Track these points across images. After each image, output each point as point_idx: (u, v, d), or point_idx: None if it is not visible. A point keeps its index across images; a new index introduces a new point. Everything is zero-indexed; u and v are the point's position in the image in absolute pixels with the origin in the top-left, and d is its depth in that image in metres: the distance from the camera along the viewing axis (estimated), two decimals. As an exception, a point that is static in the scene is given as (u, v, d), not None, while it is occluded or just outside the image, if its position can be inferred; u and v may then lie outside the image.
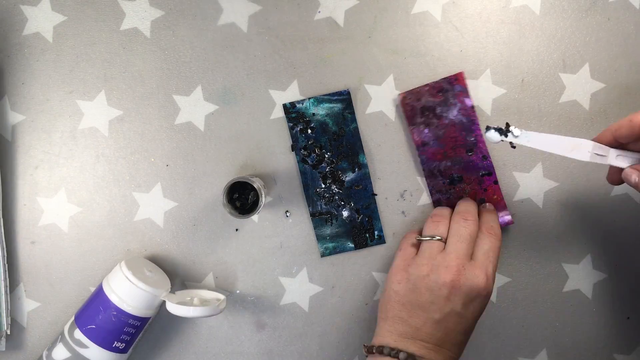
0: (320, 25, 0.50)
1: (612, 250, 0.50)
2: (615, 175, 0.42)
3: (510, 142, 0.41)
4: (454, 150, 0.49)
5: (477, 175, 0.49)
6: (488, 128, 0.41)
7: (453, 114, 0.49)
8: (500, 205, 0.49)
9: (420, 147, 0.49)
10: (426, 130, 0.49)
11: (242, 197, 0.46)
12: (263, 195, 0.44)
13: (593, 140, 0.41)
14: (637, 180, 0.39)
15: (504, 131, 0.41)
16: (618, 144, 0.41)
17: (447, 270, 0.41)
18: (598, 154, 0.41)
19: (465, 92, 0.49)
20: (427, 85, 0.49)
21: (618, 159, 0.41)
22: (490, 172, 0.49)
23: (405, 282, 0.43)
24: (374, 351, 0.42)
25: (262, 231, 0.50)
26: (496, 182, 0.49)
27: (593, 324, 0.50)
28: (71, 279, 0.50)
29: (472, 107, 0.49)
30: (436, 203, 0.50)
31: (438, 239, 0.44)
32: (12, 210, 0.50)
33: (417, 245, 0.46)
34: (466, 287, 0.41)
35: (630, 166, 0.40)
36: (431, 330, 0.41)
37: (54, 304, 0.50)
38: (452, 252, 0.43)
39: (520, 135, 0.40)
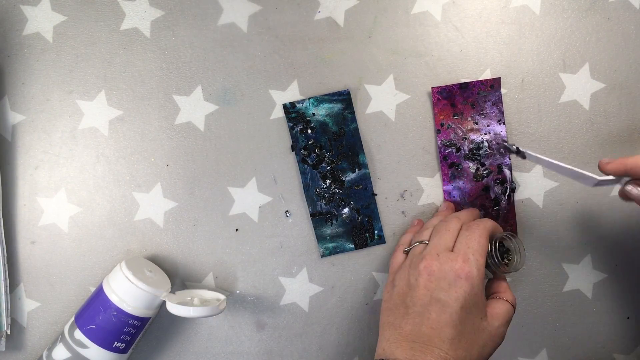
0: (320, 25, 0.50)
1: (612, 250, 0.50)
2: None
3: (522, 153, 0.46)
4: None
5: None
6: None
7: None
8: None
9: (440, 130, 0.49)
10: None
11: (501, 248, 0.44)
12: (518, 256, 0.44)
13: (605, 165, 0.41)
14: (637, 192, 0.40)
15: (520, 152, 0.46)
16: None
17: (422, 259, 0.41)
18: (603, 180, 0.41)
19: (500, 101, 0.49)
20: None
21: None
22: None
23: (390, 289, 0.43)
24: None
25: (262, 231, 0.50)
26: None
27: (593, 324, 0.50)
28: (71, 279, 0.50)
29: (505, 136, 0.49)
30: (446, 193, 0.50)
31: (421, 243, 0.43)
32: (12, 210, 0.50)
33: (406, 256, 0.45)
34: (442, 272, 0.39)
35: (628, 182, 0.40)
36: (415, 327, 0.39)
37: (54, 304, 0.50)
38: (429, 246, 0.42)
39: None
